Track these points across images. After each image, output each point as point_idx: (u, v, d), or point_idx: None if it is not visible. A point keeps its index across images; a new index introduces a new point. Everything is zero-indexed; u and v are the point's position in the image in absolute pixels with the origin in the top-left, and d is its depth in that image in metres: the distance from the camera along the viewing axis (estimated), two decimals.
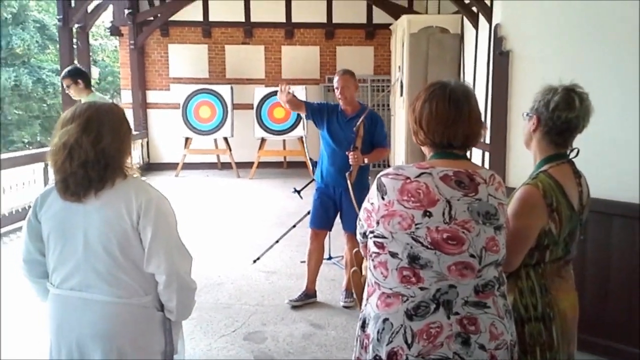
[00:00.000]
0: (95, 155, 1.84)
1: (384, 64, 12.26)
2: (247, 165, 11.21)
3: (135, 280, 1.92)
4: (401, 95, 9.77)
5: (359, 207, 4.09)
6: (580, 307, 3.39)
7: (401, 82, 9.74)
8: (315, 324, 4.02)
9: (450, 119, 1.69)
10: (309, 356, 3.54)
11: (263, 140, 11.12)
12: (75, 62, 8.89)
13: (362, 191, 4.10)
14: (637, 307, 3.34)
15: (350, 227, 4.26)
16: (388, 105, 11.54)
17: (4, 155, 7.20)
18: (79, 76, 4.91)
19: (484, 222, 1.62)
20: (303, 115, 4.57)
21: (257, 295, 4.59)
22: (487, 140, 4.55)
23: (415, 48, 9.12)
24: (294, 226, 5.41)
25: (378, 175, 1.72)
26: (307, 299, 4.49)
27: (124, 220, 1.87)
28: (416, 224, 1.60)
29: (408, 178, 1.64)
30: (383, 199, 1.66)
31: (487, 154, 5.73)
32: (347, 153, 4.05)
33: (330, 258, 5.28)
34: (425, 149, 1.81)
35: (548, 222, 1.93)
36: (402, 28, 9.57)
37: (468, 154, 1.80)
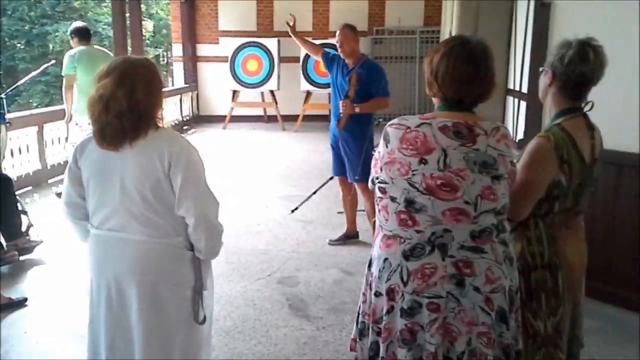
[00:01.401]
0: (129, 107, 1.98)
1: (434, 14, 11.91)
2: (293, 118, 11.34)
3: (167, 222, 2.08)
4: None
5: (356, 156, 4.24)
6: (608, 259, 3.42)
7: (450, 34, 9.52)
8: (346, 271, 4.20)
9: (466, 78, 1.75)
10: (338, 300, 3.71)
11: (309, 93, 11.19)
12: (127, 15, 9.11)
13: (361, 140, 4.23)
14: None
15: (351, 176, 4.41)
16: None
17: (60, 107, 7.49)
18: (73, 34, 5.86)
19: (480, 171, 1.69)
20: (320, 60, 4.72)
21: (293, 243, 4.80)
22: (525, 90, 4.50)
23: None
24: (331, 178, 5.53)
25: (385, 126, 1.81)
26: (347, 239, 4.75)
27: (156, 168, 2.01)
28: (412, 171, 1.70)
29: (409, 128, 1.73)
30: (387, 147, 1.76)
31: (523, 103, 5.63)
32: (337, 102, 4.16)
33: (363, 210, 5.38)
34: (435, 101, 1.88)
35: (558, 173, 1.97)
36: None
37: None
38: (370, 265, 1.92)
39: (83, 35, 5.81)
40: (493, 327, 1.74)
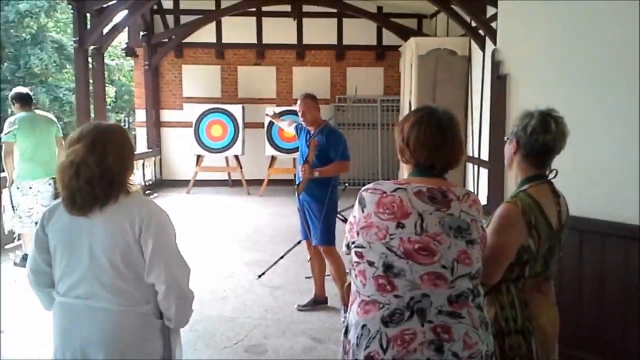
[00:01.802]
0: (101, 173, 1.98)
1: (393, 84, 12.38)
2: (257, 182, 11.35)
3: (137, 290, 2.04)
4: None
5: (318, 220, 4.36)
6: (576, 324, 3.45)
7: (410, 103, 9.87)
8: (315, 338, 4.12)
9: (436, 145, 1.83)
10: None
11: (273, 158, 11.28)
12: (90, 81, 9.15)
13: (321, 203, 4.31)
14: (633, 326, 3.39)
15: (315, 239, 4.44)
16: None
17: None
18: (14, 100, 5.94)
19: (456, 236, 1.74)
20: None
21: (261, 310, 4.71)
22: (484, 157, 4.65)
23: (424, 70, 9.27)
24: (299, 242, 5.51)
25: (360, 190, 1.85)
26: (315, 305, 4.71)
27: (127, 234, 1.99)
28: (390, 235, 1.73)
29: (385, 192, 1.78)
30: (363, 211, 1.80)
31: (483, 170, 5.80)
32: (300, 167, 4.34)
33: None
34: (407, 167, 1.94)
35: (527, 238, 2.04)
36: (411, 50, 9.72)
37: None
38: (346, 332, 1.89)
39: (25, 100, 5.88)
40: None
